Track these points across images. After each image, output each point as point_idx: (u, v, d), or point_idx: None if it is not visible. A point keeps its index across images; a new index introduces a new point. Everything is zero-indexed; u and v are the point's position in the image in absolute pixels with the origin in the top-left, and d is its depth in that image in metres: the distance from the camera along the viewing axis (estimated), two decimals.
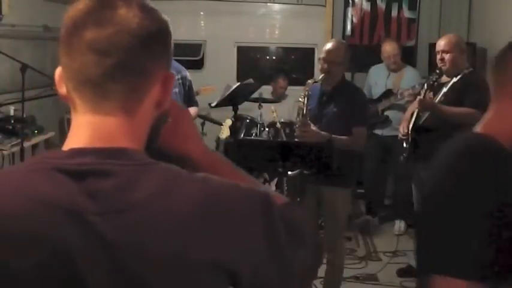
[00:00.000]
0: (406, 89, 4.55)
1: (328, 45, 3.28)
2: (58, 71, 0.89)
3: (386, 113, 4.99)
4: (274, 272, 0.88)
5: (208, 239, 0.81)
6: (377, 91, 5.07)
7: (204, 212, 0.82)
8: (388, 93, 4.96)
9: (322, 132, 3.16)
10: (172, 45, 0.90)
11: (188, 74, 3.94)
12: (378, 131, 5.04)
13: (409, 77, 4.90)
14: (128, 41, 0.82)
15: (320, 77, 3.29)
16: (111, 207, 0.79)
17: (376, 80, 5.13)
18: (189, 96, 3.89)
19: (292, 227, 0.92)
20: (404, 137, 3.69)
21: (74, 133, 0.87)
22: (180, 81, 3.82)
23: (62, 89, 0.89)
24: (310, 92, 3.28)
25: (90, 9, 0.84)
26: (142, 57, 0.84)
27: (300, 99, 3.28)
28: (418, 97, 3.61)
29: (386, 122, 4.96)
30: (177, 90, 3.77)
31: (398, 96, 4.79)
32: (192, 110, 3.87)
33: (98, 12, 0.83)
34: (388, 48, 5.03)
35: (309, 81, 3.33)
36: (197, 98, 4.18)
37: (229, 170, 1.01)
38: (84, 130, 0.85)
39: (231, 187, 0.87)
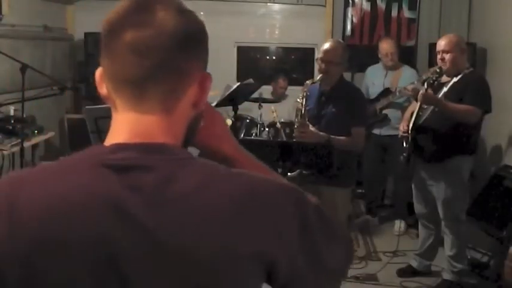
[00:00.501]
0: (409, 84, 4.53)
1: (326, 45, 3.27)
2: (98, 71, 0.92)
3: (384, 111, 4.98)
4: (309, 266, 0.90)
5: (247, 232, 0.84)
6: (374, 91, 5.07)
7: (242, 205, 0.85)
8: (386, 92, 4.96)
9: (321, 133, 3.16)
10: (207, 43, 0.94)
11: None
12: (376, 131, 5.03)
13: (406, 76, 4.90)
14: (165, 43, 0.85)
15: (318, 77, 3.28)
16: (153, 200, 0.83)
17: (374, 80, 5.12)
18: None
19: (326, 223, 0.94)
20: (404, 135, 3.69)
21: (115, 130, 0.90)
22: None
23: (103, 90, 0.93)
24: (308, 93, 3.28)
25: (129, 12, 0.87)
26: (180, 58, 0.87)
27: (298, 99, 3.28)
28: (421, 91, 3.60)
29: (384, 120, 4.95)
30: None
31: (397, 94, 4.79)
32: None
33: (136, 15, 0.87)
34: (385, 45, 5.02)
35: (307, 81, 3.33)
36: None
37: (260, 166, 1.06)
38: (124, 127, 0.89)
39: (267, 181, 0.91)
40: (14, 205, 0.82)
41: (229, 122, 4.73)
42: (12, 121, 4.24)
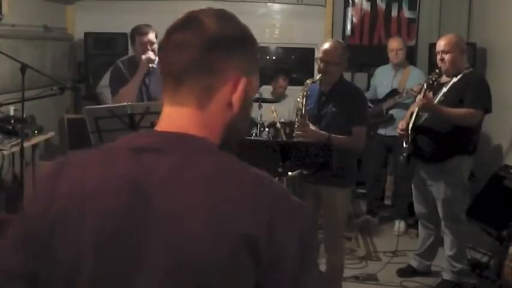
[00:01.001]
0: (416, 85, 4.53)
1: (326, 45, 3.27)
2: None
3: (390, 111, 4.98)
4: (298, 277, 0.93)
5: (251, 220, 0.89)
6: (382, 91, 5.07)
7: (249, 198, 0.91)
8: (393, 93, 4.97)
9: (322, 132, 3.16)
10: (254, 51, 1.04)
11: None
12: (382, 131, 5.04)
13: (414, 77, 4.89)
14: (201, 43, 0.97)
15: (317, 77, 3.28)
16: (164, 182, 0.92)
17: (382, 80, 5.13)
18: None
19: (314, 250, 1.00)
20: (402, 133, 3.69)
21: (158, 122, 1.02)
22: None
23: None
24: (308, 92, 3.28)
25: (181, 19, 1.02)
26: (213, 58, 0.97)
27: (299, 99, 3.28)
28: (418, 97, 3.61)
29: (390, 120, 4.95)
30: None
31: (404, 95, 4.79)
32: None
33: (185, 21, 1.01)
34: (394, 43, 5.04)
35: (308, 81, 3.33)
36: None
37: None
38: (162, 118, 1.02)
39: (285, 192, 0.97)
40: (54, 184, 0.97)
41: None
42: (12, 121, 4.24)
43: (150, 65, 3.71)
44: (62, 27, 6.01)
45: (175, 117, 0.99)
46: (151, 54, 3.71)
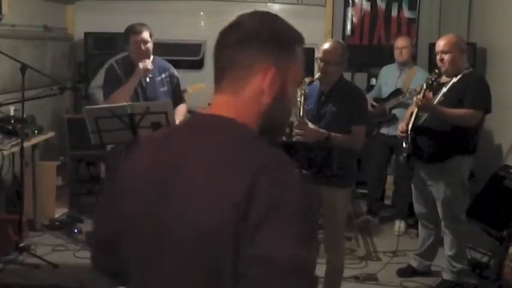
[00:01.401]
0: (419, 86, 4.54)
1: (326, 45, 3.27)
2: None
3: (393, 111, 4.99)
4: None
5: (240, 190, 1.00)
6: (387, 90, 5.07)
7: (249, 177, 1.01)
8: (397, 93, 4.97)
9: (321, 130, 3.15)
10: (290, 48, 1.20)
11: (176, 71, 3.95)
12: (384, 130, 5.04)
13: (419, 77, 4.88)
14: (236, 40, 1.14)
15: (316, 76, 3.28)
16: (188, 153, 1.10)
17: (387, 80, 5.13)
18: (176, 93, 3.90)
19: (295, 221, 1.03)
20: (403, 135, 3.70)
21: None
22: (168, 79, 3.84)
23: None
24: (307, 91, 3.28)
25: (230, 22, 1.19)
26: (244, 52, 1.13)
27: (298, 98, 3.28)
28: (415, 98, 3.61)
29: (393, 120, 4.95)
30: (165, 88, 3.79)
31: (408, 95, 4.78)
32: (182, 107, 3.91)
33: (231, 22, 1.18)
34: (400, 41, 5.05)
35: (305, 79, 3.32)
36: (189, 96, 4.21)
37: None
38: (210, 105, 1.19)
39: (296, 178, 1.08)
40: (123, 165, 1.22)
41: None
42: (12, 121, 4.24)
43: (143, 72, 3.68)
44: (62, 27, 6.01)
45: (216, 103, 1.17)
46: (148, 63, 3.68)
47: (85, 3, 6.09)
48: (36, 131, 4.45)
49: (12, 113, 4.36)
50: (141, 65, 3.66)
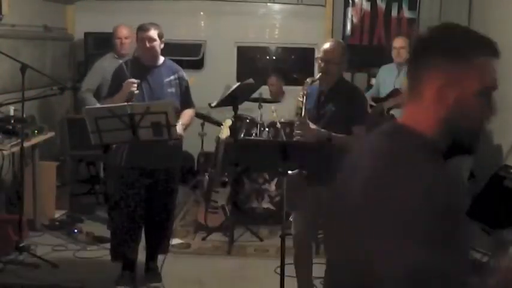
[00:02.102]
0: None
1: (326, 45, 3.27)
2: None
3: (391, 111, 4.98)
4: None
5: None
6: (385, 90, 5.07)
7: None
8: (394, 93, 4.97)
9: (322, 130, 3.15)
10: (470, 61, 1.23)
11: (185, 74, 3.91)
12: None
13: None
14: (411, 51, 1.24)
15: (317, 76, 3.28)
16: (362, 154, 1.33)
17: (385, 79, 5.13)
18: (185, 97, 3.85)
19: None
20: None
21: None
22: (177, 81, 3.80)
23: None
24: (308, 91, 3.28)
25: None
26: (414, 66, 1.22)
27: (299, 98, 3.27)
28: None
29: (391, 120, 4.95)
30: (173, 90, 3.76)
31: None
32: (189, 112, 3.85)
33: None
34: (398, 41, 5.06)
35: (308, 79, 3.32)
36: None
37: None
38: None
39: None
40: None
41: (229, 122, 4.74)
42: (12, 121, 4.24)
43: (134, 86, 3.58)
44: (62, 27, 6.01)
45: (404, 110, 1.28)
46: (134, 88, 3.53)
47: (85, 3, 6.10)
48: (36, 131, 4.45)
49: (12, 113, 4.36)
50: (127, 80, 3.56)
